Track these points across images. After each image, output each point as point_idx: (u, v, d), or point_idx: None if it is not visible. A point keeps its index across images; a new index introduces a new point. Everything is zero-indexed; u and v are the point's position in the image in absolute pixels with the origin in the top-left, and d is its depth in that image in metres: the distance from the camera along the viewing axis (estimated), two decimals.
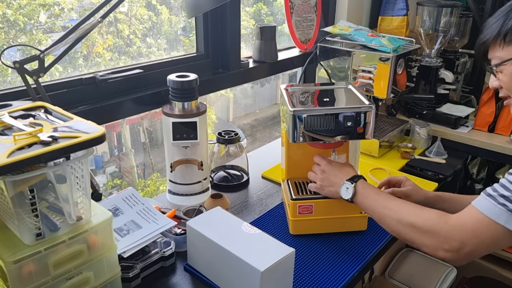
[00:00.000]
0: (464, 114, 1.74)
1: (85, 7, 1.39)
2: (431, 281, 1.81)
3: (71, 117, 0.79)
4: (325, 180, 1.07)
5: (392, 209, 0.94)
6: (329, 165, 1.08)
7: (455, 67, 1.82)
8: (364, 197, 1.00)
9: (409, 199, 1.11)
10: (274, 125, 3.71)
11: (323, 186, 1.07)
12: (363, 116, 1.03)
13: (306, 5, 1.72)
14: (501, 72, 0.93)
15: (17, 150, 0.66)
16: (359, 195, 1.00)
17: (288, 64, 1.73)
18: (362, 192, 1.00)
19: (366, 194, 0.99)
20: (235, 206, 1.26)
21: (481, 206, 0.82)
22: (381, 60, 1.48)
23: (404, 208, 0.92)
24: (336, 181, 1.05)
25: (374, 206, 0.97)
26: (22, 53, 1.21)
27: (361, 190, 1.00)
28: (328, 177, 1.06)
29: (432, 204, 1.09)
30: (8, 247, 0.72)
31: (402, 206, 0.93)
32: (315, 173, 1.10)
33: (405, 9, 1.87)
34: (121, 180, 3.36)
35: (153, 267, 0.98)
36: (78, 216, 0.78)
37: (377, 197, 0.98)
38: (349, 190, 1.01)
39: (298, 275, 0.98)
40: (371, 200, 0.98)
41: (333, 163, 1.08)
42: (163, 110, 1.18)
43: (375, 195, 0.99)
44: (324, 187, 1.07)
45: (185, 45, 1.64)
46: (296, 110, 1.02)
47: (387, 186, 1.19)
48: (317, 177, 1.09)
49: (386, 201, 0.96)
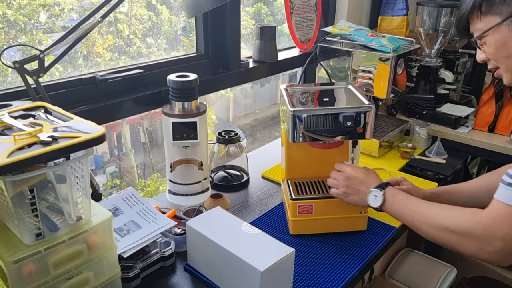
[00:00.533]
0: (464, 114, 1.74)
1: (85, 7, 1.39)
2: (431, 281, 1.81)
3: (71, 117, 0.79)
4: (349, 187, 1.04)
5: (424, 214, 0.90)
6: (353, 172, 1.04)
7: (455, 67, 1.82)
8: (394, 204, 0.97)
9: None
10: (274, 125, 3.72)
11: (347, 194, 1.04)
12: (363, 116, 1.03)
13: (306, 5, 1.72)
14: (485, 44, 0.94)
15: (17, 150, 0.66)
16: (389, 203, 0.97)
17: (288, 64, 1.73)
18: (391, 200, 0.97)
19: (396, 201, 0.96)
20: (235, 206, 1.26)
21: (505, 198, 0.80)
22: (381, 60, 1.48)
23: (436, 212, 0.89)
24: (362, 189, 1.02)
25: (405, 213, 0.94)
26: (22, 53, 1.21)
27: (390, 197, 0.97)
28: (353, 185, 1.03)
29: (429, 198, 1.09)
30: (8, 247, 0.72)
31: (434, 209, 0.90)
32: (336, 180, 1.06)
33: (405, 9, 1.87)
34: (121, 180, 3.36)
35: (153, 267, 0.98)
36: (78, 216, 0.78)
37: (407, 203, 0.95)
38: (378, 198, 0.98)
39: (298, 275, 0.98)
40: (402, 206, 0.95)
41: (357, 170, 1.05)
42: (163, 110, 1.18)
43: (404, 201, 0.95)
44: (348, 194, 1.04)
45: (185, 45, 1.64)
46: (296, 110, 1.02)
47: None
48: (340, 184, 1.05)
49: (417, 206, 0.93)
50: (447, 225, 0.86)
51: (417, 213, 0.92)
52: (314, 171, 1.19)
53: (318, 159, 1.18)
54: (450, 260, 1.92)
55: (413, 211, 0.93)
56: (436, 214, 0.89)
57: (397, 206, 0.96)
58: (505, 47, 0.93)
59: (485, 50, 0.95)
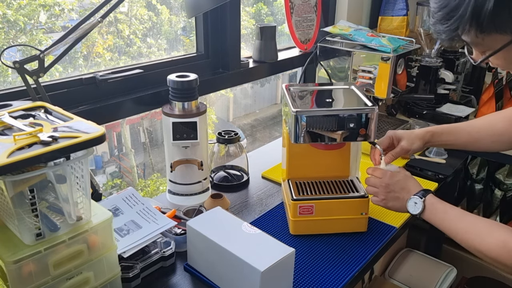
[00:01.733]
0: (464, 114, 1.74)
1: (85, 7, 1.39)
2: (431, 281, 1.81)
3: (71, 117, 0.79)
4: (389, 194, 1.02)
5: (460, 233, 0.90)
6: (392, 179, 1.02)
7: (455, 67, 1.82)
8: (432, 215, 0.95)
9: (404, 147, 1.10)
10: (274, 125, 3.71)
11: (387, 201, 1.03)
12: (365, 118, 1.03)
13: (306, 5, 1.72)
14: (491, 57, 0.79)
15: (17, 150, 0.66)
16: (427, 211, 0.96)
17: (288, 64, 1.73)
18: (430, 209, 0.95)
19: (434, 212, 0.95)
20: (235, 206, 1.26)
21: None
22: (381, 60, 1.48)
23: (470, 232, 0.88)
24: (402, 196, 1.00)
25: (442, 226, 0.94)
26: (22, 53, 1.21)
27: (429, 206, 0.96)
28: (393, 192, 1.02)
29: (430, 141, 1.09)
30: (8, 247, 0.72)
31: (469, 229, 0.89)
32: (375, 188, 1.05)
33: (405, 9, 1.87)
34: (121, 180, 3.36)
35: (153, 267, 0.98)
36: (78, 216, 0.78)
37: (445, 217, 0.93)
38: (417, 205, 0.97)
39: (298, 275, 0.98)
40: (439, 219, 0.94)
41: (396, 176, 1.03)
42: (163, 110, 1.18)
43: (443, 215, 0.94)
44: (387, 201, 1.03)
45: (185, 45, 1.64)
46: (299, 111, 1.02)
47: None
48: (379, 192, 1.04)
49: (453, 223, 0.91)
50: (480, 249, 0.86)
51: (452, 231, 0.91)
52: (315, 172, 1.19)
53: (319, 160, 1.18)
54: (450, 260, 1.93)
55: (449, 228, 0.92)
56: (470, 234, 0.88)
57: (435, 218, 0.95)
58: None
59: (492, 62, 0.81)
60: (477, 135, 1.10)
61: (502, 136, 1.07)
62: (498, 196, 1.95)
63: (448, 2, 0.72)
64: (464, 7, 0.70)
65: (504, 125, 1.06)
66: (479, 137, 1.09)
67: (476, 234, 0.87)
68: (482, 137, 1.09)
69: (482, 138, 1.09)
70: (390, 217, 1.19)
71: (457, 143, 1.09)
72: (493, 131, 1.07)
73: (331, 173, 1.20)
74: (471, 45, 0.80)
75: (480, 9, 0.68)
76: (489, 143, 1.05)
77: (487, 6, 0.67)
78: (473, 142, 1.10)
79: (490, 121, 1.10)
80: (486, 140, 1.09)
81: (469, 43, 0.79)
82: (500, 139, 1.07)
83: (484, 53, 0.79)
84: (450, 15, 0.72)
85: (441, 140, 1.09)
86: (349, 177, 1.21)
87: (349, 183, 1.18)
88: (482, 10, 0.68)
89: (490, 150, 1.11)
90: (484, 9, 0.68)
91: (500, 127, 1.06)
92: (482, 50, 0.79)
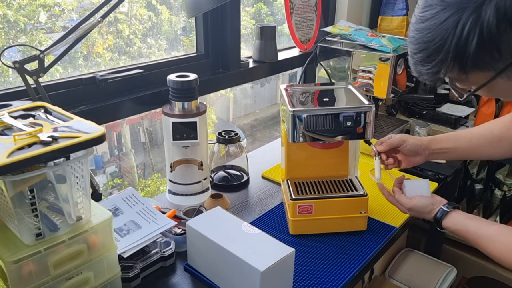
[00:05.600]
0: (464, 114, 1.74)
1: (85, 7, 1.39)
2: (431, 281, 1.81)
3: (71, 117, 0.79)
4: (413, 212, 1.03)
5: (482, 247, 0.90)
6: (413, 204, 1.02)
7: None
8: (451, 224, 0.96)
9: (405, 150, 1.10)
10: (274, 125, 3.71)
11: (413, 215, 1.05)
12: (363, 116, 1.03)
13: (306, 5, 1.72)
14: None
15: (17, 150, 0.66)
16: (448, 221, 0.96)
17: (288, 64, 1.73)
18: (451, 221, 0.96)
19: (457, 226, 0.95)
20: (235, 206, 1.26)
21: None
22: (381, 60, 1.48)
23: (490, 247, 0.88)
24: (425, 214, 1.01)
25: (467, 238, 0.94)
26: (22, 53, 1.21)
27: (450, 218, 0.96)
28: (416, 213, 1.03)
29: (428, 147, 1.10)
30: (8, 247, 0.72)
31: (489, 245, 0.89)
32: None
33: (405, 9, 1.87)
34: (121, 180, 3.36)
35: (153, 267, 0.98)
36: (78, 216, 0.78)
37: (468, 231, 0.93)
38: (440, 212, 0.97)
39: (298, 275, 0.98)
40: (463, 233, 0.94)
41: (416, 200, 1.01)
42: (163, 110, 1.18)
43: (465, 234, 0.94)
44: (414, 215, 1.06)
45: (185, 45, 1.64)
46: (296, 110, 1.02)
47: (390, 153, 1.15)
48: (403, 210, 1.05)
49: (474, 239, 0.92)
50: (503, 262, 0.86)
51: (476, 244, 0.92)
52: (314, 171, 1.20)
53: (318, 159, 1.18)
54: (450, 260, 1.93)
55: (474, 241, 0.92)
56: (491, 251, 0.88)
57: (455, 227, 0.95)
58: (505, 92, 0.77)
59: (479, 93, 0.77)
60: (477, 141, 1.10)
61: (501, 141, 1.07)
62: (498, 196, 1.95)
63: (427, 46, 0.69)
64: (444, 51, 0.67)
65: (502, 130, 1.07)
66: (478, 143, 1.10)
67: (498, 246, 0.87)
68: (482, 144, 1.09)
69: (482, 144, 1.09)
70: (390, 217, 1.19)
71: (458, 151, 1.09)
72: (492, 136, 1.08)
73: (330, 172, 1.20)
74: (454, 81, 0.77)
75: (462, 53, 0.65)
76: (490, 149, 1.05)
77: (470, 50, 0.64)
78: (474, 149, 1.10)
79: (489, 128, 1.10)
80: (486, 147, 1.09)
81: (453, 79, 0.77)
82: (500, 144, 1.08)
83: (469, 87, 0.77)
84: (431, 59, 0.69)
85: (441, 146, 1.10)
86: (348, 176, 1.21)
87: (348, 182, 1.18)
88: (464, 54, 0.65)
89: (492, 157, 1.11)
90: (466, 54, 0.65)
91: (499, 132, 1.07)
92: (467, 85, 0.77)
